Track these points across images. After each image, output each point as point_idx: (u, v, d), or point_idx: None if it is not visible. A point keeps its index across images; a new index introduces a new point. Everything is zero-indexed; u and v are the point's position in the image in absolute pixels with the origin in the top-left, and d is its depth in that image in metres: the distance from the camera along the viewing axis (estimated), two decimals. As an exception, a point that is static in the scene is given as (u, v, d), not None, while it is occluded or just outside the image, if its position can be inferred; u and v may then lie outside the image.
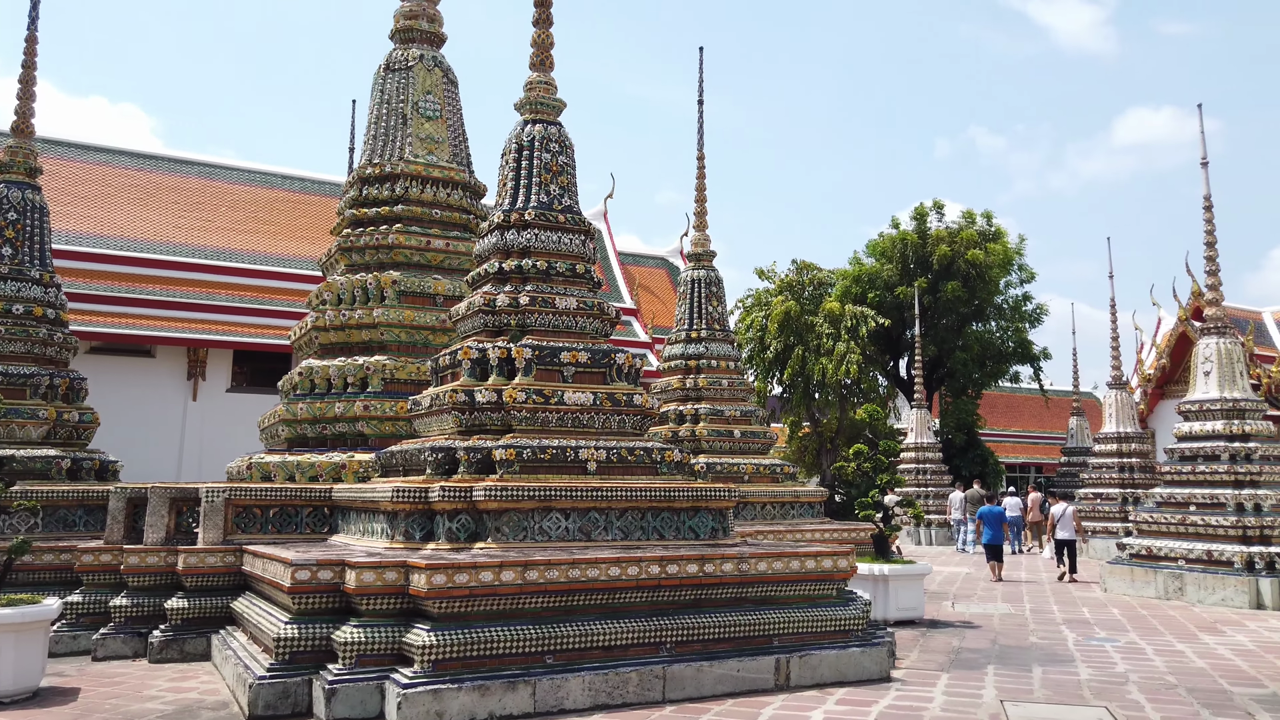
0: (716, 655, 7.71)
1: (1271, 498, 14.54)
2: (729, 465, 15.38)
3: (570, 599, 7.39)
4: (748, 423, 16.20)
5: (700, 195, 17.22)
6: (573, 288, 9.89)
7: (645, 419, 9.70)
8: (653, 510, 8.81)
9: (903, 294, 33.65)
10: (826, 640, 8.30)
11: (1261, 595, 13.64)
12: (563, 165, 10.24)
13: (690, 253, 17.30)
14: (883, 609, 11.63)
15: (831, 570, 8.62)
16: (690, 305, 16.89)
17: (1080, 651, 9.93)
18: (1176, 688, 8.11)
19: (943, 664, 9.17)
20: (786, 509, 15.60)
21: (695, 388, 16.23)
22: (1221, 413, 15.49)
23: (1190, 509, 15.17)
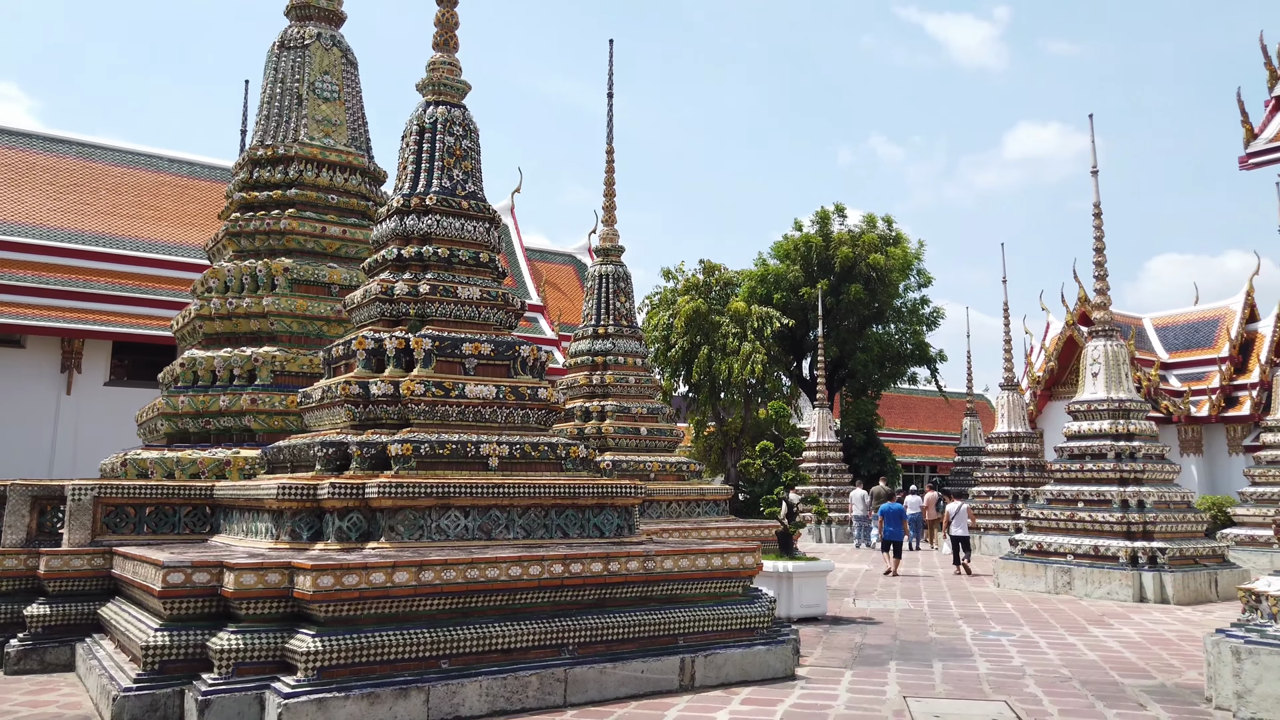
0: (620, 656, 7.47)
1: (1154, 495, 15.14)
2: (635, 463, 15.19)
3: (469, 600, 7.05)
4: (654, 420, 16.04)
5: (609, 190, 16.98)
6: (476, 277, 9.53)
7: (550, 414, 9.41)
8: (556, 508, 8.52)
9: (807, 295, 34.14)
10: (732, 639, 8.17)
11: (1144, 588, 14.17)
12: (466, 150, 9.86)
13: (598, 248, 17.05)
14: (787, 606, 11.60)
15: (738, 568, 8.49)
16: (598, 301, 16.63)
17: (978, 646, 10.06)
18: (1071, 680, 8.25)
19: (846, 661, 9.14)
20: (692, 507, 15.51)
21: (602, 384, 15.98)
22: (1108, 413, 16.06)
23: (1079, 506, 15.68)
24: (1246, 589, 7.38)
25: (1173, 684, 8.10)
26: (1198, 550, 14.99)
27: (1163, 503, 15.23)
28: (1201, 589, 14.42)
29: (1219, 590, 14.64)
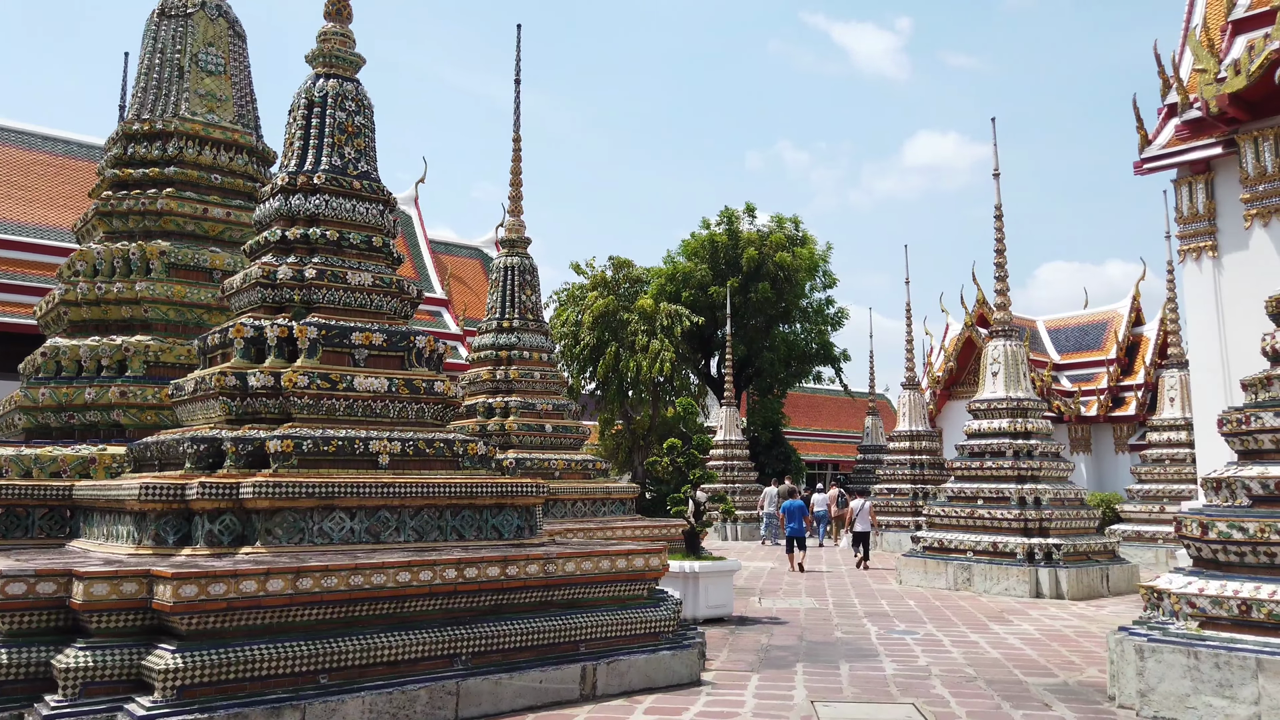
0: (518, 666, 7.04)
1: (1050, 492, 15.44)
2: (540, 461, 14.74)
3: (353, 609, 6.51)
4: (560, 417, 15.61)
5: (515, 179, 16.47)
6: (368, 262, 8.95)
7: (448, 409, 8.90)
8: (452, 508, 8.03)
9: (715, 294, 34.15)
10: (636, 644, 7.83)
11: (1040, 584, 14.42)
12: (359, 126, 9.26)
13: (504, 239, 16.50)
14: (693, 607, 11.33)
15: (643, 569, 8.15)
16: (503, 294, 16.10)
17: (884, 645, 9.97)
18: (976, 680, 8.17)
19: (753, 664, 8.91)
20: (598, 506, 15.14)
21: (506, 379, 15.47)
22: (1007, 411, 16.34)
23: (978, 503, 15.90)
24: (1148, 586, 7.40)
25: (1075, 682, 8.10)
26: (1090, 546, 15.34)
27: (1058, 500, 15.55)
28: (1094, 584, 14.76)
29: (1110, 585, 15.01)
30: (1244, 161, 12.16)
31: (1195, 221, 13.50)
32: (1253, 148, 12.10)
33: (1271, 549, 6.57)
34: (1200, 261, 13.42)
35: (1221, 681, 6.38)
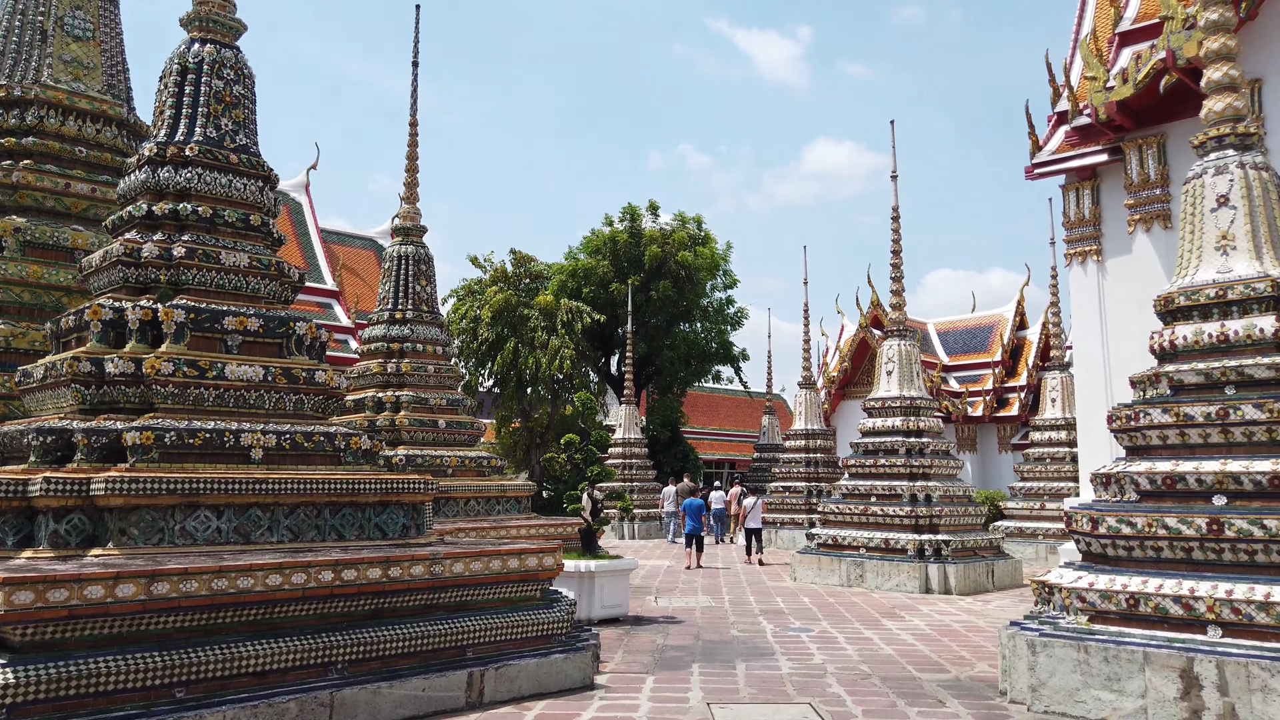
0: (399, 674, 6.61)
1: (940, 489, 15.74)
2: (431, 457, 14.20)
3: (216, 616, 5.98)
4: (454, 412, 15.10)
5: (411, 165, 15.86)
6: (245, 242, 8.34)
7: (330, 400, 8.38)
8: (332, 506, 7.53)
9: (617, 291, 33.94)
10: (528, 648, 7.48)
11: (930, 580, 14.65)
12: (239, 96, 8.63)
13: (399, 226, 15.87)
14: (588, 607, 11.04)
15: (536, 570, 7.81)
16: (396, 283, 15.47)
17: (779, 643, 9.87)
18: (871, 677, 8.12)
19: (648, 665, 8.67)
20: (492, 504, 14.69)
21: (398, 373, 14.86)
22: (901, 410, 16.59)
23: (871, 500, 16.08)
24: (1039, 581, 7.46)
25: (966, 677, 8.13)
26: (977, 542, 15.70)
27: (947, 497, 15.86)
28: (980, 579, 15.10)
29: (995, 580, 15.38)
30: (1129, 168, 12.58)
31: (1081, 226, 13.93)
32: (1137, 155, 12.53)
33: (1159, 543, 6.67)
34: (1085, 265, 13.85)
35: (1110, 675, 6.44)
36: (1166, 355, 7.43)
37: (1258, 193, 7.27)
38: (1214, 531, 6.42)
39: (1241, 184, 7.30)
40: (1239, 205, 7.29)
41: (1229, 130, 7.47)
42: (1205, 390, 7.01)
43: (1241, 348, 6.97)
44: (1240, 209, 7.29)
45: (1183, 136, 12.26)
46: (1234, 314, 7.10)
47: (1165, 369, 7.28)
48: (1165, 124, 12.31)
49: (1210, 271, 7.34)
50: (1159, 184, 12.27)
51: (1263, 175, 7.32)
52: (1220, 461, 6.67)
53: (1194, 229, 7.56)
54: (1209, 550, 6.47)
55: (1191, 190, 7.61)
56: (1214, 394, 6.94)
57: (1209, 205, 7.46)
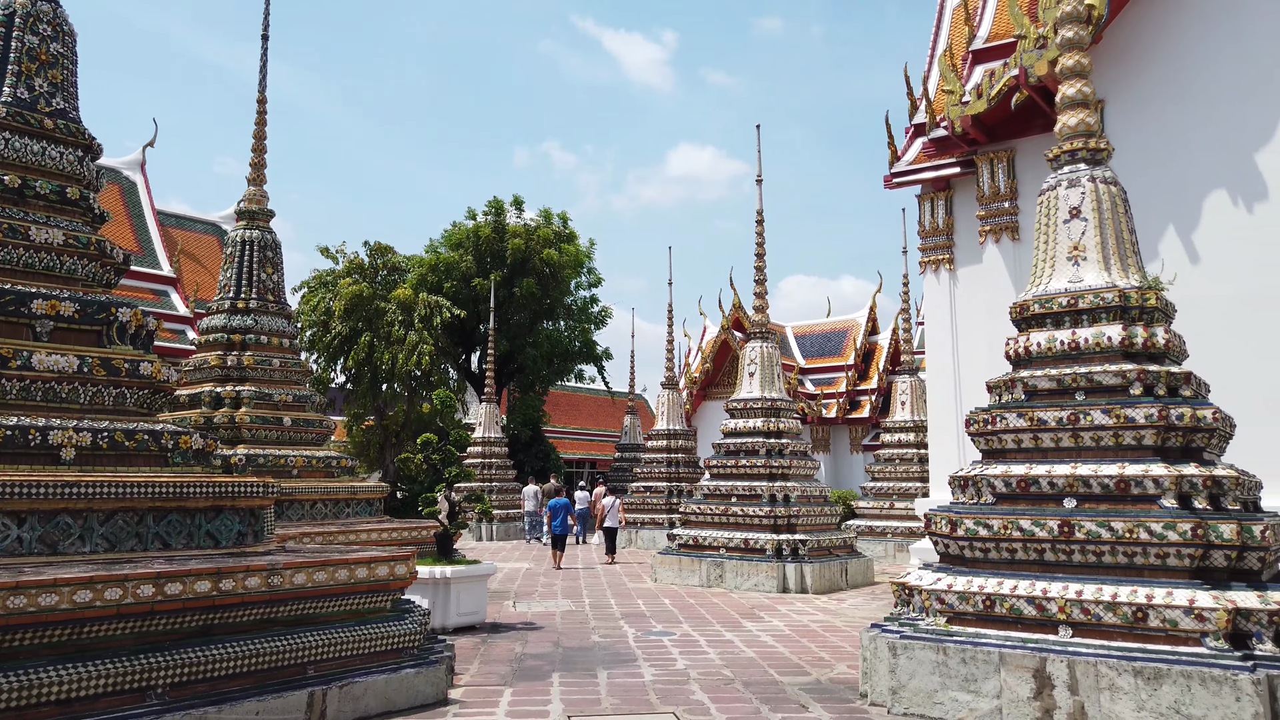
0: (230, 696, 6.00)
1: (798, 489, 15.97)
2: (275, 458, 13.32)
3: (12, 638, 5.23)
4: (301, 409, 14.22)
5: (259, 145, 14.85)
6: (60, 217, 7.47)
7: (158, 395, 7.61)
8: (155, 512, 6.80)
9: (479, 286, 33.17)
10: (376, 663, 6.97)
11: (787, 579, 14.83)
12: (56, 55, 7.73)
13: (243, 209, 14.82)
14: (443, 615, 10.55)
15: (387, 579, 7.30)
16: (239, 270, 14.44)
17: (641, 648, 9.67)
18: (734, 682, 8.01)
19: (506, 676, 8.28)
20: (341, 507, 13.92)
21: (239, 366, 13.87)
22: (762, 411, 16.75)
23: (732, 500, 16.17)
24: (899, 583, 7.51)
25: (827, 680, 8.14)
26: (832, 542, 16.02)
27: (805, 497, 16.12)
28: (835, 578, 15.40)
29: (849, 579, 15.73)
30: (980, 181, 13.06)
31: (935, 235, 14.39)
32: (989, 168, 13.01)
33: (1013, 545, 6.80)
34: (939, 273, 14.31)
35: (967, 676, 6.51)
36: (1021, 361, 7.62)
37: (1107, 206, 7.55)
38: (1065, 533, 6.59)
39: (1093, 197, 7.56)
40: (1090, 217, 7.56)
41: (1082, 145, 7.73)
42: (1057, 395, 7.22)
43: (1091, 355, 7.20)
44: (1091, 221, 7.55)
45: (1031, 152, 12.84)
46: (1084, 322, 7.34)
47: (1020, 374, 7.47)
48: (1015, 139, 12.85)
49: (1063, 281, 7.57)
50: (1008, 197, 12.81)
51: (1112, 189, 7.61)
52: (1071, 465, 6.86)
53: (1048, 239, 7.79)
54: (1060, 552, 6.64)
55: (1046, 201, 7.84)
56: (1066, 399, 7.15)
57: (1062, 216, 7.70)
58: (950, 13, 16.16)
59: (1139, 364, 7.00)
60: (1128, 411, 6.76)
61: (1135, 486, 6.54)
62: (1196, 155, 10.89)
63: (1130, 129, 11.65)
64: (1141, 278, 7.47)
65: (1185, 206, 11.02)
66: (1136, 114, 11.63)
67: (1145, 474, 6.52)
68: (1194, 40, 10.96)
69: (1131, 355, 7.12)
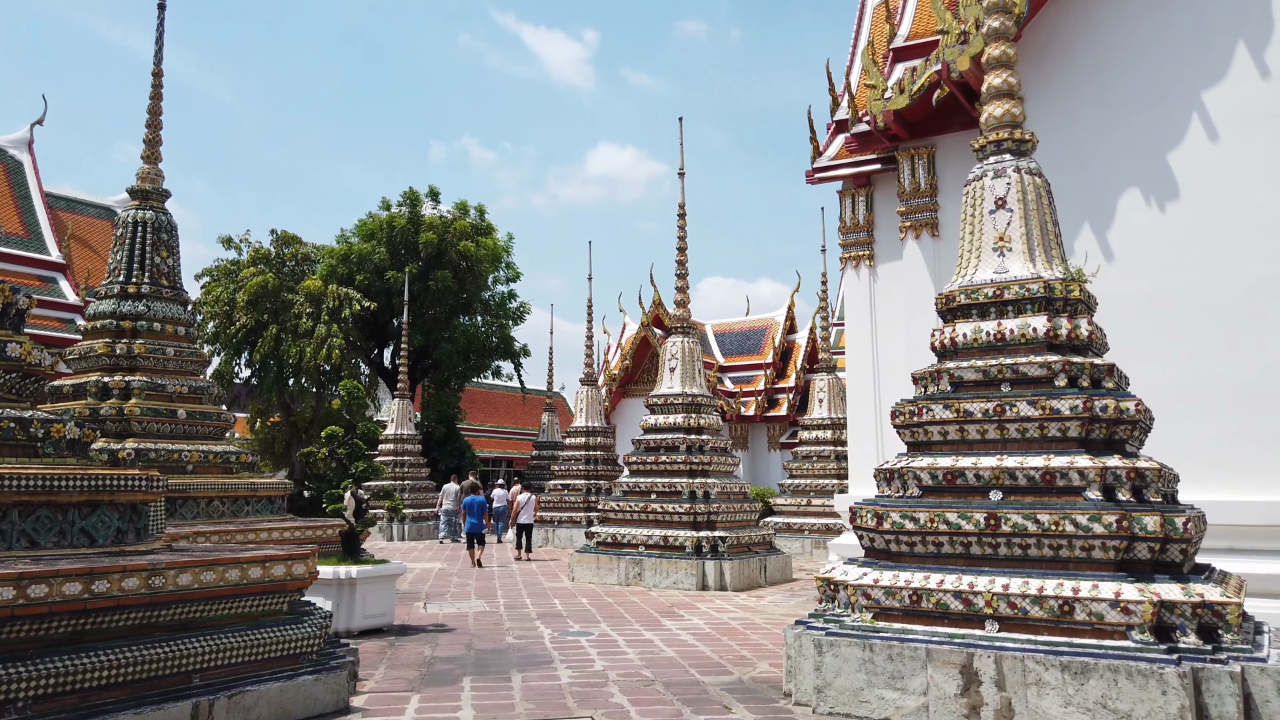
0: (102, 709, 5.43)
1: (718, 486, 15.80)
2: (168, 452, 12.53)
3: None
4: (197, 401, 13.42)
5: (154, 120, 13.97)
6: (-86, 182, 6.71)
7: (28, 380, 6.93)
8: (21, 507, 6.16)
9: (393, 279, 32.23)
10: (270, 670, 6.46)
11: (706, 577, 14.63)
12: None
13: (136, 188, 13.92)
14: (347, 618, 10.01)
15: (284, 579, 6.78)
16: (130, 253, 13.56)
17: (558, 650, 9.30)
18: (654, 683, 7.71)
19: (413, 681, 7.83)
20: (240, 505, 13.18)
21: (129, 354, 13.00)
22: (683, 406, 16.54)
23: (652, 497, 15.91)
24: (824, 578, 7.32)
25: (750, 679, 7.91)
26: (751, 538, 15.90)
27: (725, 494, 15.96)
28: (754, 575, 15.27)
29: (767, 576, 15.62)
30: (901, 177, 13.07)
31: (856, 231, 14.36)
32: (909, 164, 13.02)
33: (940, 539, 6.67)
34: (859, 270, 14.29)
35: (894, 673, 6.34)
36: (947, 352, 7.52)
37: (1032, 197, 7.50)
38: (991, 526, 6.48)
39: (1018, 188, 7.51)
40: (1015, 208, 7.49)
41: (1007, 135, 7.67)
42: (983, 387, 7.12)
43: (1016, 346, 7.13)
44: (1016, 212, 7.49)
45: (951, 149, 12.89)
46: (1010, 313, 7.27)
47: (946, 365, 7.36)
48: (935, 136, 12.88)
49: (988, 271, 7.49)
50: (929, 193, 12.84)
51: (1036, 180, 7.57)
52: (997, 457, 6.77)
53: (974, 229, 7.71)
54: (987, 545, 6.53)
55: (972, 192, 7.76)
56: (991, 390, 7.06)
57: (988, 207, 7.62)
58: (871, 11, 16.21)
59: (1063, 355, 6.95)
60: (1053, 403, 6.69)
61: (1060, 478, 6.46)
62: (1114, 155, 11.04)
63: (1049, 128, 11.78)
64: (1065, 269, 7.44)
65: (1101, 205, 11.17)
66: (1055, 113, 11.76)
67: (1070, 466, 6.46)
68: (1115, 39, 11.12)
69: (1056, 347, 7.06)
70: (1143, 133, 10.87)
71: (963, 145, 12.74)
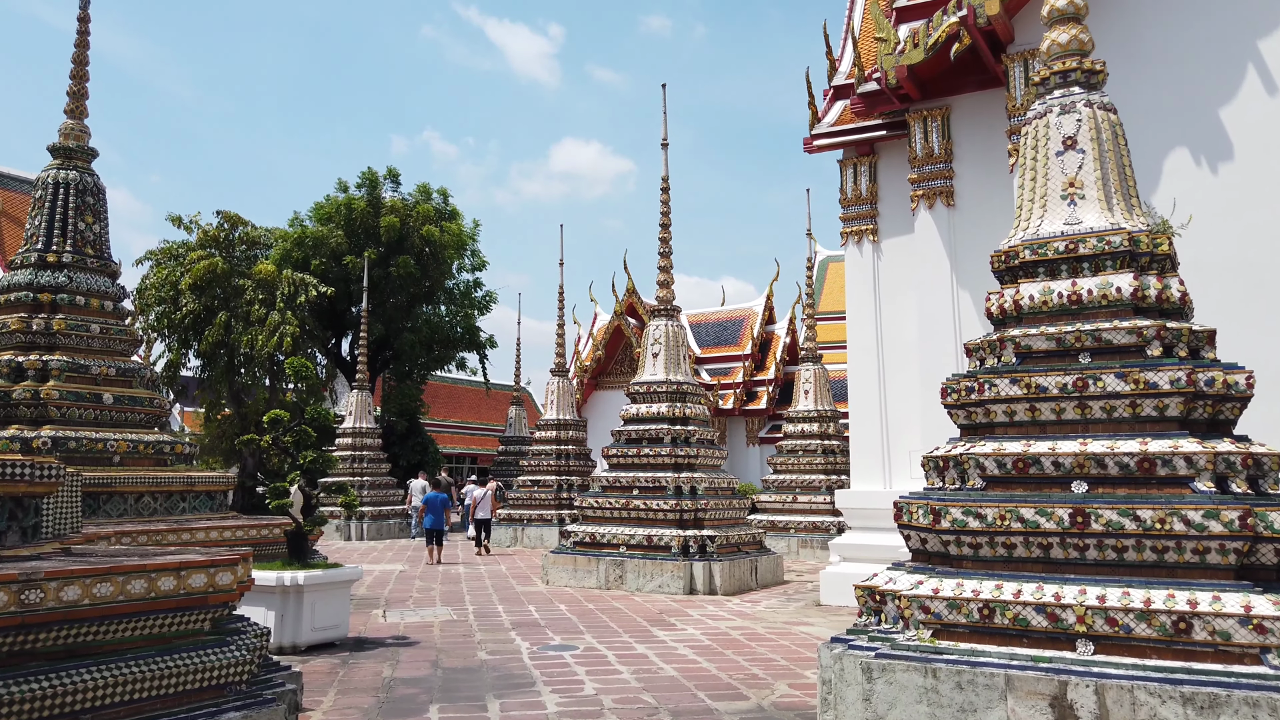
0: (-54, 772, 4.08)
1: (705, 480, 14.59)
2: (91, 441, 11.06)
3: None
4: (127, 384, 11.93)
5: (79, 71, 12.40)
6: None
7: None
8: None
9: (351, 265, 30.60)
10: (186, 706, 5.13)
11: (695, 579, 13.42)
12: None
13: (58, 145, 12.39)
14: (294, 632, 8.65)
15: (204, 591, 5.44)
16: (50, 218, 12.03)
17: (539, 668, 8.03)
18: (659, 712, 6.48)
19: (369, 710, 6.52)
20: (175, 501, 11.72)
21: (47, 331, 11.49)
22: (667, 395, 15.31)
23: (634, 493, 14.67)
24: (868, 587, 6.11)
25: (770, 705, 6.70)
26: (741, 538, 14.72)
27: (713, 489, 14.77)
28: (745, 578, 14.09)
29: (758, 578, 14.45)
30: (913, 141, 11.93)
31: (859, 204, 13.24)
32: (921, 128, 11.90)
33: (1012, 539, 5.50)
34: (861, 245, 13.16)
35: (965, 705, 5.16)
36: (1009, 318, 6.35)
37: (1107, 135, 6.35)
38: (1078, 524, 5.32)
39: (1090, 125, 6.36)
40: (1088, 149, 6.34)
41: (1075, 65, 6.52)
42: (1058, 358, 5.96)
43: (1096, 309, 5.98)
44: (1089, 153, 6.33)
45: (968, 110, 11.78)
46: (1086, 270, 6.11)
47: (1010, 333, 6.18)
48: (950, 96, 11.77)
49: (1057, 222, 6.33)
50: (943, 158, 11.72)
51: (1111, 117, 6.42)
52: (1079, 441, 5.61)
53: (1036, 175, 6.55)
54: (1071, 547, 5.37)
55: (1034, 131, 6.60)
56: (1068, 362, 5.90)
57: (1054, 148, 6.46)
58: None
59: (1155, 320, 5.80)
60: (1148, 376, 5.54)
61: (1162, 466, 5.32)
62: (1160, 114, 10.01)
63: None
64: (1148, 220, 6.31)
65: (1148, 169, 10.13)
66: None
67: (1175, 451, 5.31)
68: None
69: (1143, 310, 5.92)
70: (1192, 89, 9.81)
71: (981, 107, 11.65)
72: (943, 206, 11.66)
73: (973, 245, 11.37)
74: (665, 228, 15.94)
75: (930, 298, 11.50)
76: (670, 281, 15.89)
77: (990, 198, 11.37)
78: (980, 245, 11.34)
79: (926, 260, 11.63)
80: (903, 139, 12.78)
